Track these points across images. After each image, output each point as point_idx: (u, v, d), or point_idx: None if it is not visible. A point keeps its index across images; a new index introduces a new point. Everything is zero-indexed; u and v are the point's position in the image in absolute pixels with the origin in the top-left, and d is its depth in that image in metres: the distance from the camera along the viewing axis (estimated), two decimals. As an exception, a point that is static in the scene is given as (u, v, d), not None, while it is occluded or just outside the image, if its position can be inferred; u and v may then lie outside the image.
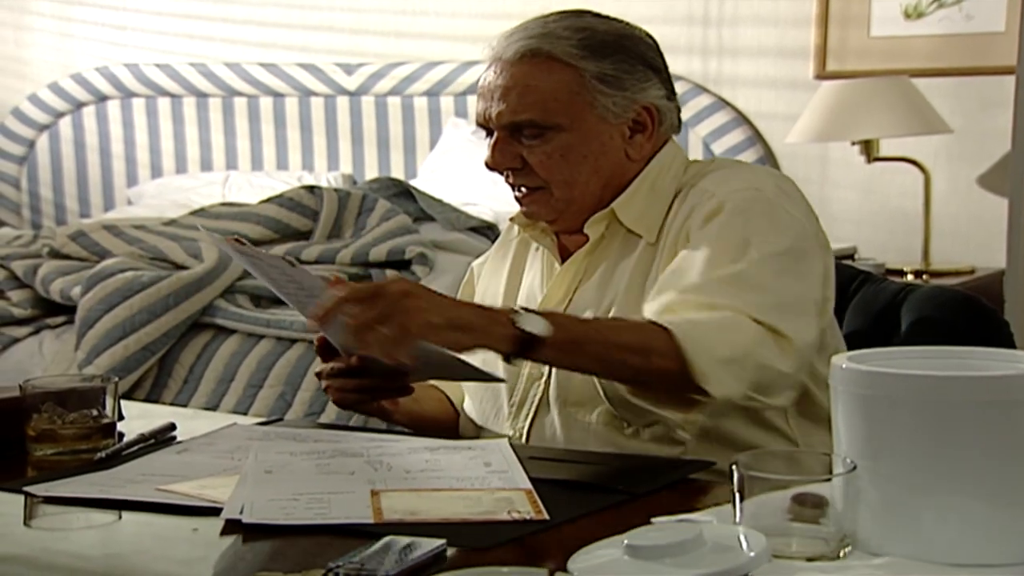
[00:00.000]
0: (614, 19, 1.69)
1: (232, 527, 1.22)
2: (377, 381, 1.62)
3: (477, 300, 1.84)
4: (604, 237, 1.69)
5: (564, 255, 1.73)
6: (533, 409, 1.68)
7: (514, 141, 1.66)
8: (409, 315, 1.36)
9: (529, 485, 1.31)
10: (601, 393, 1.58)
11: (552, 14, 1.67)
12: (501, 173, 1.69)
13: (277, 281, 1.58)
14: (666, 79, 1.70)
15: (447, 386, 1.83)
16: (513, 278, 1.81)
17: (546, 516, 1.22)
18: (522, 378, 1.69)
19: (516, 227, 1.83)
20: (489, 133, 1.68)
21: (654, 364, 1.45)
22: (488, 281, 1.86)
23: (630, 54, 1.66)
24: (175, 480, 1.37)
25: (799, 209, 1.62)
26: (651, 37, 1.71)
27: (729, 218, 1.57)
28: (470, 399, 1.79)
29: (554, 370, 1.65)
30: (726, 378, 1.45)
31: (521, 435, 1.68)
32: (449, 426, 1.79)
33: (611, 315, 1.62)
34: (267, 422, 1.74)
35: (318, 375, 1.67)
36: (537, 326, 1.41)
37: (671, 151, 1.71)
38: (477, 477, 1.35)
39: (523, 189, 1.69)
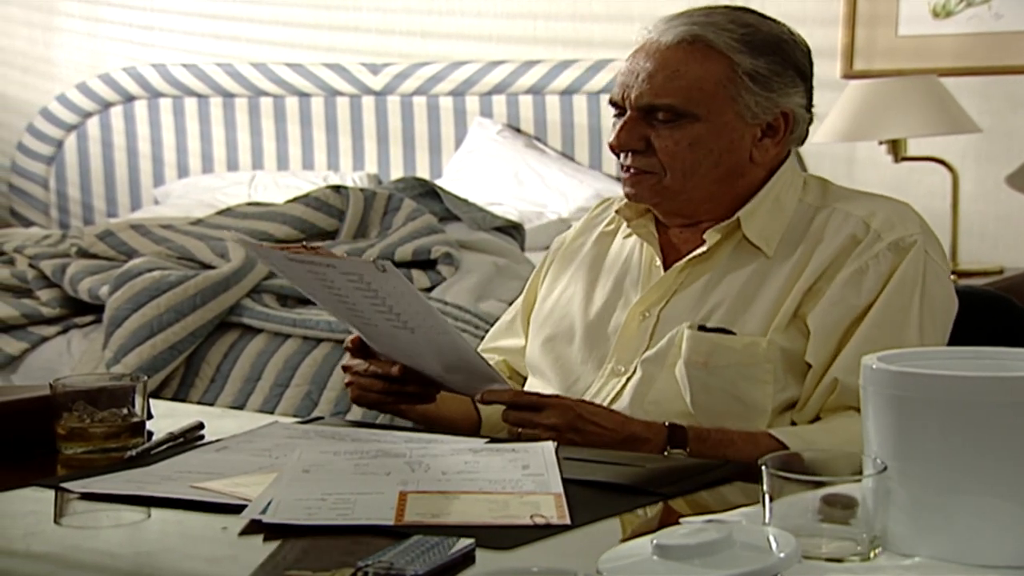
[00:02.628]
0: (776, 21, 1.70)
1: (255, 526, 1.22)
2: (408, 388, 1.64)
3: (546, 284, 1.84)
4: (718, 245, 1.67)
5: (667, 253, 1.72)
6: (610, 397, 1.67)
7: (644, 123, 1.66)
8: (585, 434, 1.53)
9: (560, 489, 1.30)
10: (688, 401, 1.61)
11: (716, 7, 1.69)
12: (619, 155, 1.70)
13: (340, 291, 1.54)
14: (809, 88, 1.71)
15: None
16: (593, 270, 1.79)
17: (568, 520, 1.21)
18: (602, 374, 1.69)
19: (604, 216, 1.83)
20: (620, 113, 1.69)
21: None
22: (561, 269, 1.84)
23: (785, 57, 1.67)
24: (211, 477, 1.38)
25: (942, 256, 1.67)
26: (807, 46, 1.71)
27: (904, 299, 1.60)
28: (540, 381, 1.77)
29: (637, 372, 1.66)
30: None
31: None
32: (467, 429, 1.75)
33: (713, 323, 1.62)
34: (307, 420, 1.74)
35: (345, 368, 1.68)
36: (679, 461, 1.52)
37: (791, 165, 1.72)
38: (511, 480, 1.34)
39: (633, 170, 1.68)
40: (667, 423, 1.55)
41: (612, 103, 1.71)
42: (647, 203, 1.71)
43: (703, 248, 1.67)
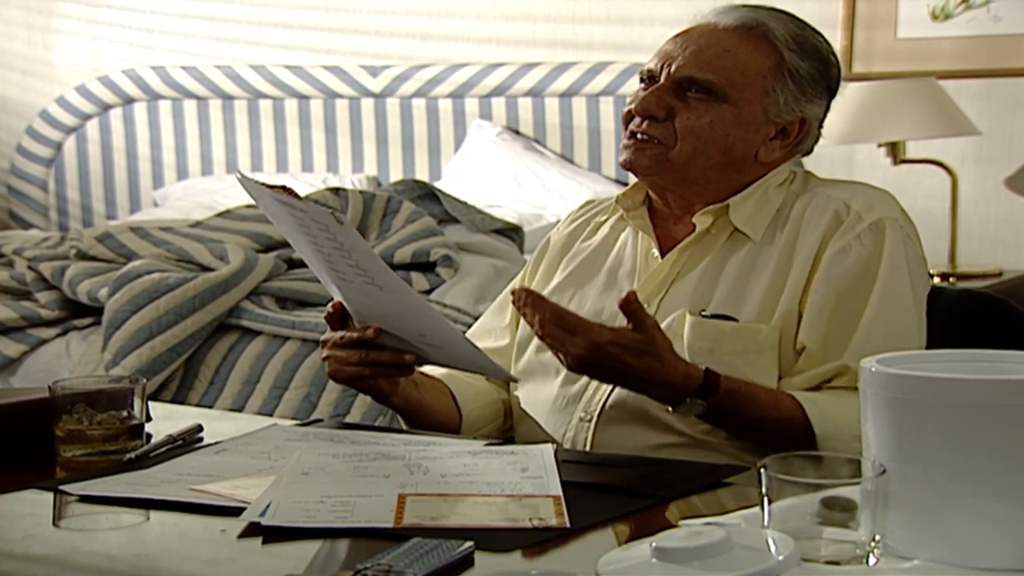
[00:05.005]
0: (822, 35, 1.76)
1: (254, 529, 1.22)
2: (382, 356, 1.62)
3: (536, 285, 1.84)
4: (709, 232, 1.71)
5: (662, 244, 1.74)
6: (610, 388, 1.68)
7: (673, 95, 1.69)
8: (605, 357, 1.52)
9: (559, 492, 1.30)
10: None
11: (768, 6, 1.75)
12: (630, 122, 1.72)
13: (315, 239, 1.54)
14: (828, 107, 1.76)
15: (457, 384, 1.80)
16: (583, 269, 1.80)
17: (567, 524, 1.21)
18: None
19: (589, 216, 1.85)
20: (648, 86, 1.72)
21: (784, 448, 1.55)
22: (549, 270, 1.85)
23: (824, 69, 1.73)
24: (210, 480, 1.38)
25: (918, 239, 1.73)
26: (840, 69, 1.77)
27: (890, 280, 1.63)
28: (530, 382, 1.77)
29: None
30: None
31: (593, 418, 1.67)
32: (448, 422, 1.76)
33: (711, 310, 1.65)
34: (306, 423, 1.73)
35: (323, 343, 1.67)
36: (695, 410, 1.55)
37: (787, 168, 1.76)
38: (510, 483, 1.34)
39: (642, 136, 1.70)
40: (704, 369, 1.55)
41: (645, 74, 1.73)
42: (642, 173, 1.72)
43: (695, 233, 1.70)
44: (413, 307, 1.57)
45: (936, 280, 3.48)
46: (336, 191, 3.65)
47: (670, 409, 1.57)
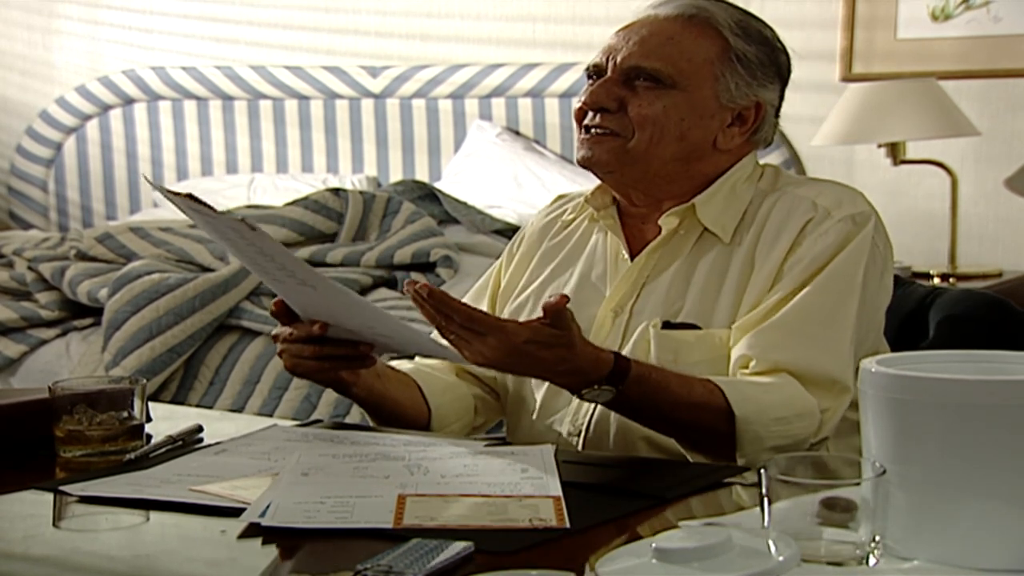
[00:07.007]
0: (765, 23, 1.74)
1: (254, 529, 1.22)
2: (338, 350, 1.58)
3: (506, 282, 1.84)
4: (677, 233, 1.69)
5: (632, 245, 1.72)
6: (594, 406, 1.65)
7: (622, 86, 1.68)
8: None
9: (559, 492, 1.30)
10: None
11: None
12: (583, 118, 1.70)
13: (236, 244, 1.51)
14: (782, 94, 1.74)
15: (425, 379, 1.76)
16: (557, 270, 1.78)
17: (567, 524, 1.21)
18: None
19: (560, 213, 1.83)
20: (596, 80, 1.71)
21: (704, 447, 1.54)
22: (521, 269, 1.83)
23: (772, 53, 1.71)
24: (210, 480, 1.38)
25: (887, 245, 1.68)
26: (789, 54, 1.75)
27: (839, 269, 1.60)
28: (526, 388, 1.75)
29: None
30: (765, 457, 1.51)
31: (584, 422, 1.66)
32: (416, 416, 1.73)
33: (683, 317, 1.63)
34: (306, 423, 1.73)
35: (274, 338, 1.63)
36: (603, 397, 1.49)
37: (752, 160, 1.73)
38: (509, 483, 1.34)
39: (598, 130, 1.68)
40: (615, 355, 1.49)
41: (592, 69, 1.71)
42: (602, 169, 1.69)
43: (661, 235, 1.68)
44: (349, 303, 1.53)
45: (936, 280, 3.48)
46: (336, 192, 3.65)
47: (577, 397, 1.51)
